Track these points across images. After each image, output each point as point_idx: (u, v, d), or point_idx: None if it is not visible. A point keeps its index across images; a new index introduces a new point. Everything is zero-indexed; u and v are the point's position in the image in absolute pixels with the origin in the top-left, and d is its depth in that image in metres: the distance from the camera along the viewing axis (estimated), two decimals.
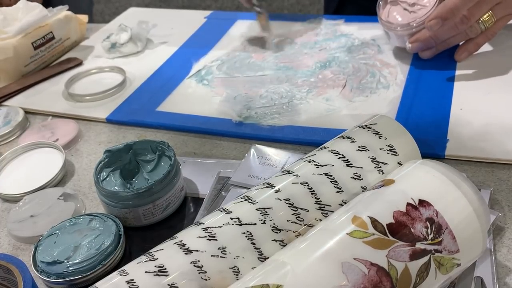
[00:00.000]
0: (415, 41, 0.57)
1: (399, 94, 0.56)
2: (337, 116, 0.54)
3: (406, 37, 0.58)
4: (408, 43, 0.58)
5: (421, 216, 0.31)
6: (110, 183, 0.46)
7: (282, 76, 0.63)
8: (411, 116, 0.52)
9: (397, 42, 0.60)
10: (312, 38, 0.71)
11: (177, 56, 0.72)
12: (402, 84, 0.58)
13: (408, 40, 0.58)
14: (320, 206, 0.35)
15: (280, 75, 0.63)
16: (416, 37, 0.57)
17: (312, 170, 0.37)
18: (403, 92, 0.56)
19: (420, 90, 0.56)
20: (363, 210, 0.32)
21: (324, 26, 0.73)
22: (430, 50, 0.58)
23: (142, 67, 0.70)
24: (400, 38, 0.59)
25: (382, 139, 0.38)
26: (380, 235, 0.30)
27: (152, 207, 0.43)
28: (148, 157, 0.48)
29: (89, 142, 0.58)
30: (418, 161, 0.35)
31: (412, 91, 0.56)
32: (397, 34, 0.58)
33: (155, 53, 0.74)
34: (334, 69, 0.62)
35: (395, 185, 0.33)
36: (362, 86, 0.58)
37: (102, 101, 0.64)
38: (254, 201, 0.36)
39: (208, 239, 0.34)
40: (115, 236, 0.41)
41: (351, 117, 0.54)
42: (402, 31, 0.58)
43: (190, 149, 0.54)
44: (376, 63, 0.62)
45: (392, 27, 0.58)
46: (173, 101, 0.62)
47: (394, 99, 0.55)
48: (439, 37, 0.56)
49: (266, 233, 0.34)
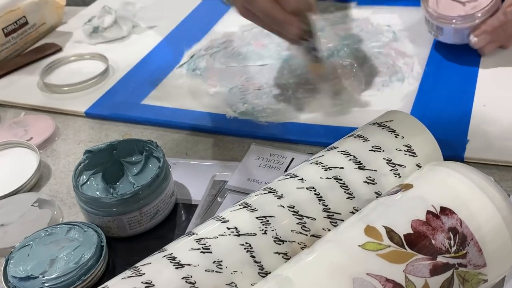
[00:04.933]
0: (481, 34, 0.55)
1: (415, 87, 0.56)
2: (347, 112, 0.54)
3: (467, 31, 0.56)
4: (473, 36, 0.56)
5: (443, 226, 0.31)
6: (91, 187, 0.46)
7: (284, 66, 0.62)
8: (427, 113, 0.52)
9: (453, 37, 0.58)
10: (319, 23, 0.70)
11: (167, 42, 0.72)
12: (419, 77, 0.57)
13: (473, 33, 0.56)
14: (328, 214, 0.35)
15: (282, 65, 0.63)
16: (483, 29, 0.55)
17: (319, 173, 0.37)
18: (419, 86, 0.56)
19: (439, 84, 0.56)
20: (377, 218, 0.31)
21: (334, 9, 0.72)
22: (494, 43, 0.57)
23: (128, 55, 0.70)
24: (459, 32, 0.57)
25: (398, 138, 0.38)
26: (396, 247, 0.30)
27: (139, 215, 0.43)
28: (134, 158, 0.48)
29: (67, 141, 0.58)
30: (439, 163, 0.35)
31: (430, 84, 0.56)
32: (456, 28, 0.57)
33: (142, 38, 0.74)
34: (343, 58, 0.62)
35: (414, 190, 0.33)
36: (374, 78, 0.58)
37: (82, 93, 0.64)
38: (254, 209, 0.35)
39: (202, 251, 0.33)
40: (96, 247, 0.41)
41: (363, 113, 0.53)
42: (463, 24, 0.56)
43: (181, 149, 0.53)
44: (391, 52, 0.62)
45: (449, 20, 0.56)
46: (162, 93, 0.61)
47: (410, 93, 0.55)
48: (509, 27, 0.55)
49: (267, 244, 0.34)
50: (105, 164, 0.47)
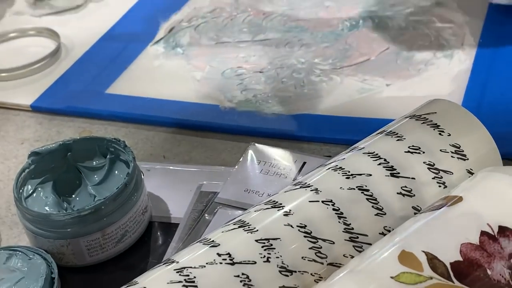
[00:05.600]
0: None
1: (468, 66, 0.56)
2: (377, 99, 0.55)
3: None
4: None
5: (502, 251, 0.31)
6: (38, 201, 0.46)
7: (293, 41, 0.63)
8: (485, 100, 0.52)
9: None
10: None
11: (136, 11, 0.72)
12: (473, 52, 0.58)
13: None
14: (351, 236, 0.35)
15: (291, 39, 0.63)
16: None
17: (339, 182, 0.37)
18: (473, 64, 0.56)
19: (498, 61, 0.56)
20: (415, 242, 0.32)
21: None
22: None
23: (85, 29, 0.70)
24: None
25: (444, 135, 0.38)
26: (441, 279, 0.30)
27: (101, 238, 0.43)
28: (94, 162, 0.48)
29: (6, 139, 0.58)
30: (497, 169, 0.35)
31: (487, 62, 0.56)
32: None
33: (103, 7, 0.74)
34: (371, 30, 0.62)
35: (464, 204, 0.33)
36: (413, 55, 0.59)
37: (25, 79, 0.64)
38: (254, 229, 0.36)
39: (185, 285, 0.33)
40: (45, 280, 0.41)
41: (398, 101, 0.54)
42: None
43: (157, 151, 0.54)
44: (434, 19, 0.63)
45: None
46: (131, 80, 0.62)
47: (461, 73, 0.56)
48: None
49: (271, 276, 0.34)
50: (57, 170, 0.47)
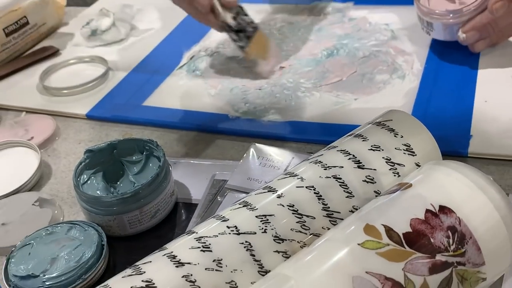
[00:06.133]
0: (470, 30, 0.55)
1: (416, 85, 0.56)
2: (347, 110, 0.54)
3: (456, 27, 0.56)
4: (461, 33, 0.55)
5: (442, 224, 0.30)
6: (91, 187, 0.46)
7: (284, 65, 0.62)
8: (429, 110, 0.52)
9: (443, 34, 0.57)
10: (318, 23, 0.70)
11: (165, 44, 0.72)
12: (419, 74, 0.57)
13: (461, 29, 0.55)
14: (328, 213, 0.35)
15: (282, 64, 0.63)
16: (471, 25, 0.54)
17: (319, 172, 0.37)
18: (420, 83, 0.56)
19: (440, 81, 0.56)
20: (376, 217, 0.31)
21: (332, 9, 0.72)
22: (485, 40, 0.56)
23: (126, 57, 0.70)
24: (449, 28, 0.56)
25: (398, 137, 0.38)
26: (395, 245, 0.30)
27: (139, 214, 0.43)
28: (134, 157, 0.48)
29: (67, 140, 0.58)
30: (438, 162, 0.35)
31: (430, 81, 0.56)
32: (445, 23, 0.56)
33: (140, 41, 0.74)
34: (343, 57, 0.62)
35: (413, 189, 0.33)
36: (374, 76, 0.58)
37: (81, 95, 0.64)
38: (254, 208, 0.35)
39: (202, 250, 0.33)
40: (97, 246, 0.41)
41: (363, 111, 0.53)
42: (451, 19, 0.55)
43: (181, 149, 0.53)
44: (390, 50, 0.62)
45: (440, 15, 0.56)
46: (161, 95, 0.61)
47: (411, 90, 0.55)
48: (499, 24, 0.54)
49: (267, 243, 0.34)
50: (106, 164, 0.47)
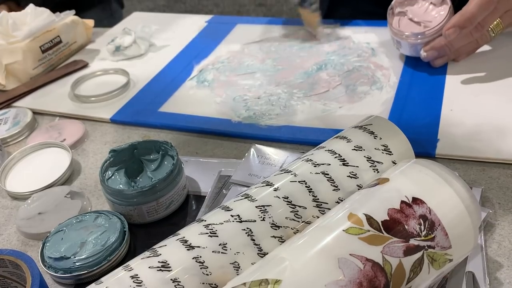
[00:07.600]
0: (430, 49, 0.56)
1: (392, 95, 0.56)
2: (333, 116, 0.54)
3: (420, 46, 0.57)
4: (423, 52, 0.57)
5: (414, 213, 0.30)
6: (115, 181, 0.46)
7: (279, 78, 0.62)
8: (403, 117, 0.52)
9: (409, 51, 0.59)
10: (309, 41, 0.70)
11: (179, 58, 0.72)
12: (395, 86, 0.57)
13: (423, 49, 0.57)
14: (317, 204, 0.35)
15: (277, 76, 0.63)
16: (431, 45, 0.56)
17: (309, 169, 0.37)
18: (395, 94, 0.56)
19: (412, 92, 0.56)
20: (358, 207, 0.31)
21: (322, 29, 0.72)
22: (443, 58, 0.58)
23: (145, 69, 0.70)
24: (413, 47, 0.58)
25: (377, 139, 0.38)
26: (375, 231, 0.30)
27: (156, 205, 0.43)
28: (152, 156, 0.48)
29: (95, 142, 0.58)
30: (411, 160, 0.35)
31: (404, 92, 0.56)
32: (410, 43, 0.57)
33: (157, 55, 0.74)
34: (330, 71, 0.62)
35: (390, 183, 0.33)
36: (356, 87, 0.58)
37: (106, 102, 0.63)
38: (254, 199, 0.35)
39: (210, 235, 0.33)
40: (120, 232, 0.41)
41: (347, 117, 0.53)
42: (416, 40, 0.57)
43: (192, 149, 0.53)
44: (370, 65, 0.62)
45: (406, 36, 0.57)
46: (175, 102, 0.61)
47: (387, 100, 0.55)
48: (454, 45, 0.56)
49: (265, 229, 0.34)
50: (127, 162, 0.47)
